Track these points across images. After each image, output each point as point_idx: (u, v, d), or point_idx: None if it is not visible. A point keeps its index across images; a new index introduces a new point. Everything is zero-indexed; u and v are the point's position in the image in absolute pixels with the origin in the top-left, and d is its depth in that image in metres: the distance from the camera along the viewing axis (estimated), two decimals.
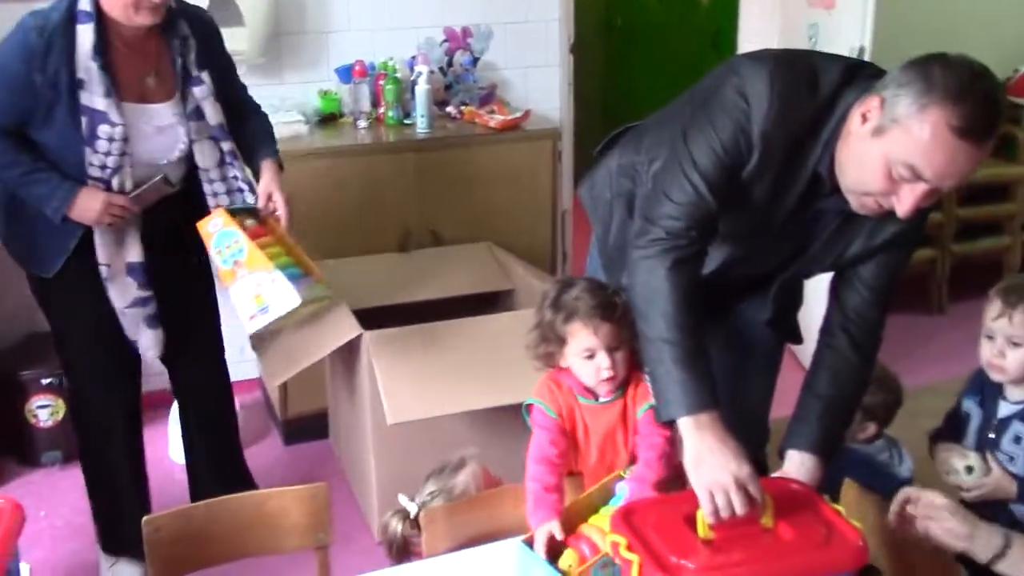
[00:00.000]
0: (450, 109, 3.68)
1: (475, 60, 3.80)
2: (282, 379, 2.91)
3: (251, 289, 2.18)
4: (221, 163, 2.52)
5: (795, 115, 1.71)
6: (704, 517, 1.55)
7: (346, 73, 3.59)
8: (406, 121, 3.57)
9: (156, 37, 2.41)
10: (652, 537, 1.53)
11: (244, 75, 3.41)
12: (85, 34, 2.27)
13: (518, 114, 3.60)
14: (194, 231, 2.40)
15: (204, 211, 2.45)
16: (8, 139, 2.34)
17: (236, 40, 3.34)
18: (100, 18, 2.29)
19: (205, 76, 2.46)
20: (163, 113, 2.43)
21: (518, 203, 3.59)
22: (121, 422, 2.69)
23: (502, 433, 2.66)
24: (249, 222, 2.37)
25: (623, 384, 1.92)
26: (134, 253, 2.46)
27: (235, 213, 2.35)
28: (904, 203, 1.63)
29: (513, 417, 2.76)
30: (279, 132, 3.33)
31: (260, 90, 3.46)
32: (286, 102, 3.53)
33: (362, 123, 3.53)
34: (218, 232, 2.25)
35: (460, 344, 2.79)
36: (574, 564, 1.68)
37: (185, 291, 2.66)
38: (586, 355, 1.86)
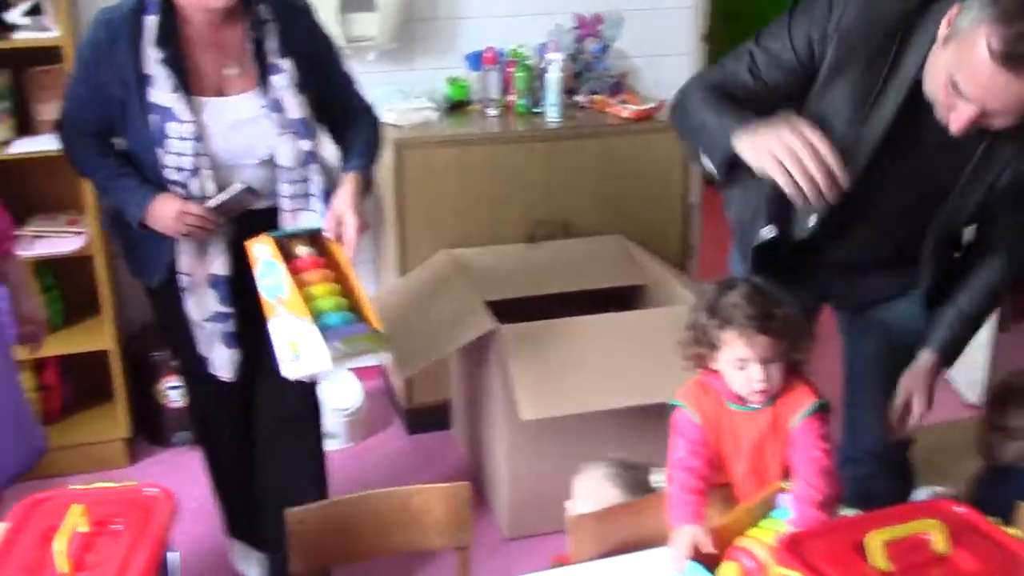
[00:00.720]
0: (579, 98, 3.59)
1: (605, 48, 3.70)
2: (412, 371, 2.89)
3: (288, 332, 1.92)
4: (303, 163, 2.25)
5: (878, 14, 1.72)
6: (789, 192, 1.62)
7: (476, 60, 3.54)
8: (535, 110, 3.49)
9: (236, 23, 2.18)
10: (824, 568, 1.45)
11: (374, 61, 3.43)
12: (151, 25, 2.11)
13: (651, 104, 3.49)
14: None
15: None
16: (94, 141, 2.23)
17: (367, 25, 3.34)
18: (169, 7, 2.12)
19: (286, 64, 2.20)
20: (242, 105, 2.20)
21: (648, 196, 3.48)
22: (228, 429, 2.59)
23: (637, 435, 2.58)
24: (303, 249, 2.04)
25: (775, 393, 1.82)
26: (218, 265, 2.24)
27: (292, 237, 2.07)
28: (956, 120, 1.64)
29: (648, 419, 2.70)
30: (408, 119, 3.33)
31: (389, 76, 3.48)
32: (415, 88, 3.50)
33: (491, 111, 3.47)
34: (263, 260, 1.99)
35: (595, 341, 2.72)
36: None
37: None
38: (738, 365, 1.77)
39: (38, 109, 3.05)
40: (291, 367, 1.98)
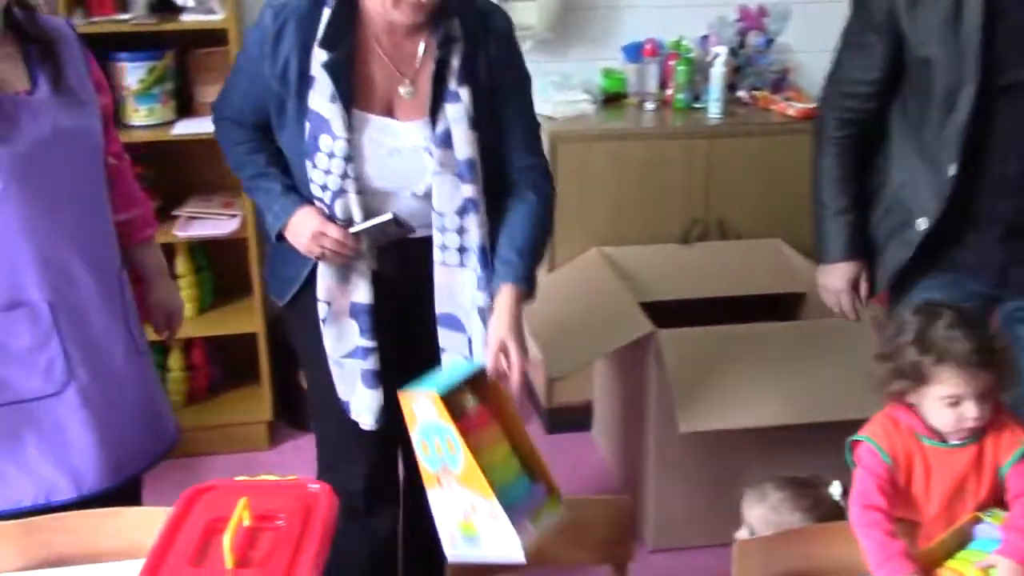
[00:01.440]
0: (741, 94, 3.43)
1: (769, 42, 3.52)
2: (566, 372, 2.78)
3: (459, 508, 1.53)
4: (461, 211, 1.90)
5: None
6: None
7: (634, 51, 3.42)
8: (695, 105, 3.35)
9: (421, 35, 1.88)
10: None
11: (529, 51, 3.34)
12: (325, 21, 1.83)
13: (817, 103, 3.30)
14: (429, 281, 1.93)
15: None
16: (249, 133, 1.99)
17: (526, 14, 3.25)
18: (351, 3, 1.85)
19: (464, 93, 1.85)
20: (409, 133, 1.89)
21: (807, 198, 3.30)
22: (363, 482, 2.15)
23: (796, 452, 2.43)
24: (470, 403, 1.60)
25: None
26: (361, 292, 1.94)
27: (453, 393, 1.58)
28: None
29: (810, 436, 2.54)
30: (564, 111, 3.24)
31: (543, 66, 3.39)
32: (570, 80, 3.40)
33: (649, 105, 3.34)
34: (425, 421, 1.55)
35: (757, 351, 2.57)
36: None
37: (410, 351, 2.02)
38: (950, 401, 1.62)
39: (200, 91, 3.08)
40: (463, 549, 1.57)
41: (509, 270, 1.90)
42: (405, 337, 2.04)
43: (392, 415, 1.88)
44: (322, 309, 1.96)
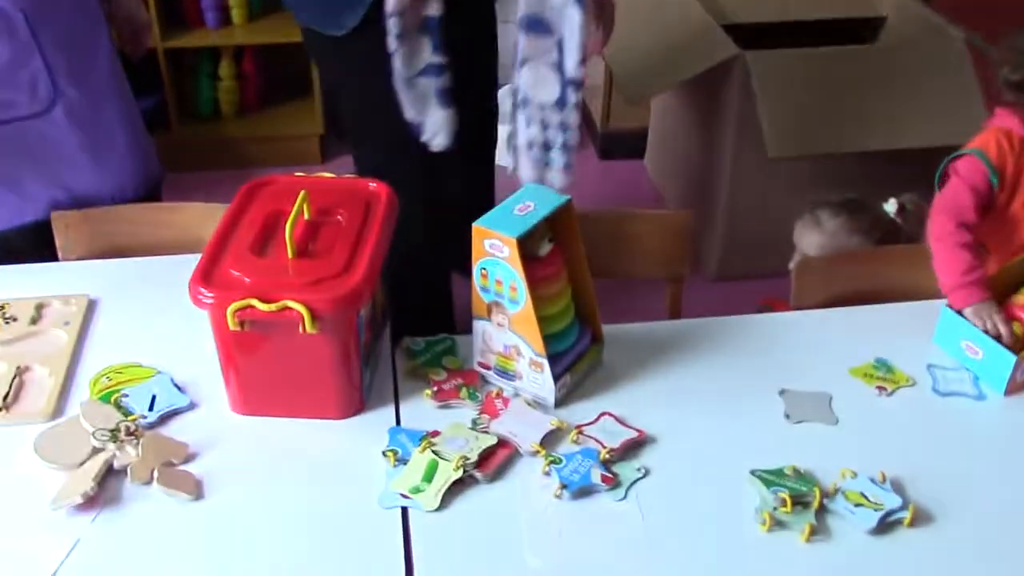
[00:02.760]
0: None
1: None
2: (644, 96, 2.63)
3: (501, 343, 1.42)
4: None
5: None
6: None
7: None
8: None
9: None
10: None
11: None
12: None
13: None
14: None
15: None
16: None
17: None
18: None
19: None
20: None
21: None
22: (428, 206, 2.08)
23: (876, 181, 2.36)
24: (546, 245, 1.41)
25: None
26: (433, 4, 1.81)
27: (531, 232, 1.35)
28: None
29: (893, 164, 2.44)
30: None
31: None
32: None
33: None
34: (495, 259, 1.36)
35: (847, 75, 2.42)
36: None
37: (469, 70, 1.94)
38: None
39: None
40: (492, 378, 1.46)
41: None
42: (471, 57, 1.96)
43: (464, 136, 1.88)
44: (394, 25, 1.81)
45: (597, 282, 1.49)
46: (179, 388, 1.42)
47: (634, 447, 1.34)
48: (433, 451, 1.30)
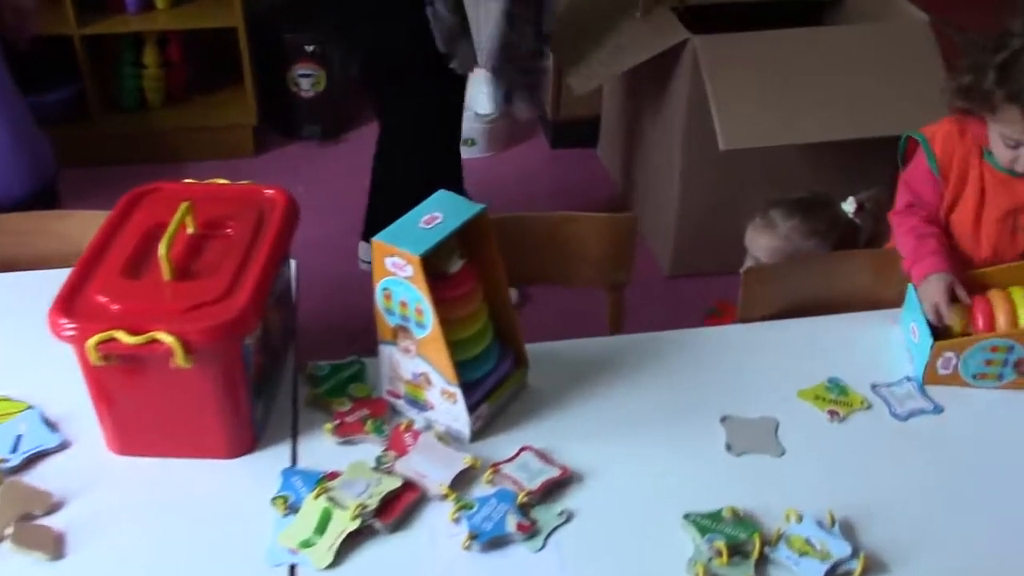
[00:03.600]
0: None
1: None
2: (588, 88, 2.48)
3: (409, 370, 1.25)
4: None
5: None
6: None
7: None
8: None
9: None
10: None
11: None
12: None
13: None
14: None
15: None
16: None
17: None
18: None
19: None
20: None
21: None
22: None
23: (832, 172, 2.23)
24: (456, 263, 1.23)
25: None
26: None
27: (439, 248, 1.18)
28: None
29: (849, 153, 2.32)
30: None
31: None
32: None
33: None
34: (396, 279, 1.19)
35: (803, 59, 2.27)
36: (958, 325, 1.38)
37: None
38: (1009, 143, 1.39)
39: None
40: (401, 406, 1.31)
41: None
42: None
43: None
44: None
45: (535, 288, 1.35)
46: (51, 425, 1.26)
47: (556, 487, 1.20)
48: (328, 497, 1.15)
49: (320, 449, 1.25)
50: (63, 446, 1.24)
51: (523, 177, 2.89)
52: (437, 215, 1.21)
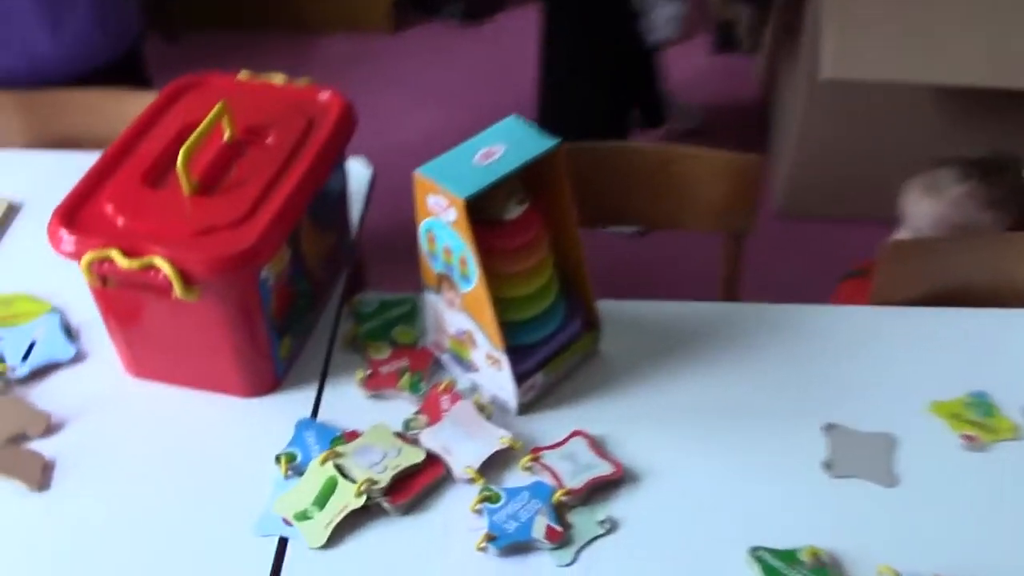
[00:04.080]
0: None
1: None
2: None
3: (453, 325, 1.07)
4: None
5: None
6: None
7: None
8: None
9: None
10: None
11: None
12: None
13: None
14: None
15: None
16: None
17: None
18: None
19: None
20: None
21: None
22: None
23: (989, 131, 1.86)
24: (514, 209, 1.01)
25: None
26: None
27: (494, 189, 0.98)
28: None
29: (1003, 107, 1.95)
30: None
31: None
32: None
33: None
34: (440, 222, 0.99)
35: None
36: None
37: None
38: None
39: None
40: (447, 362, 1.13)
41: None
42: None
43: None
44: None
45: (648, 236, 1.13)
46: (70, 333, 1.16)
47: (604, 488, 1.00)
48: (337, 464, 1.00)
49: (346, 400, 1.10)
50: (77, 359, 1.13)
51: (681, 85, 2.60)
52: (497, 148, 1.00)
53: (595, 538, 0.96)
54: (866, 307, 1.25)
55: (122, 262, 0.96)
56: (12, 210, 1.34)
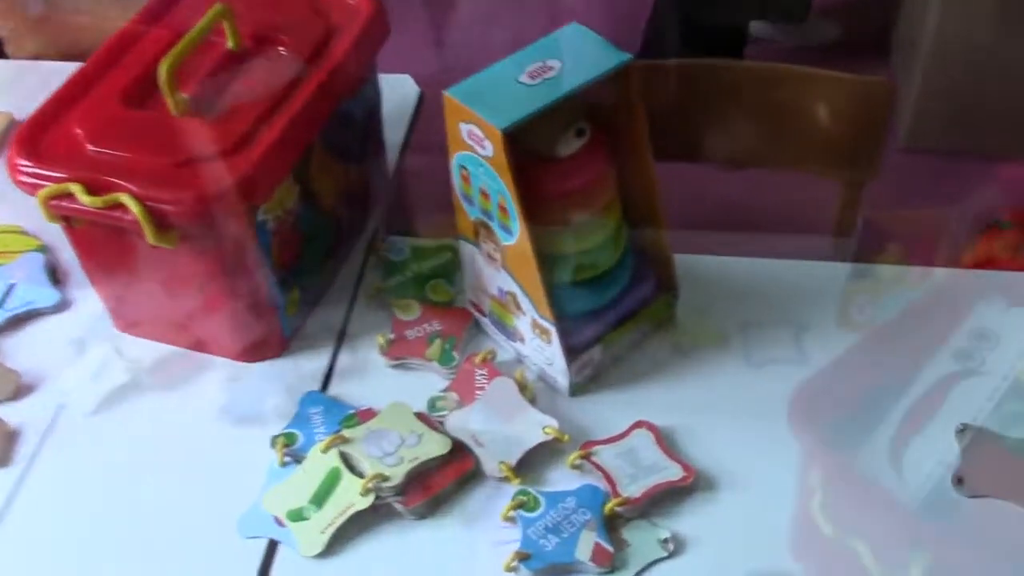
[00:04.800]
0: None
1: None
2: None
3: (493, 284, 0.87)
4: None
5: None
6: None
7: None
8: None
9: None
10: None
11: None
12: None
13: None
14: None
15: None
16: None
17: None
18: None
19: None
20: None
21: None
22: None
23: None
24: (572, 142, 0.79)
25: None
26: None
27: (545, 116, 0.76)
28: None
29: None
30: None
31: None
32: None
33: None
34: (475, 157, 0.78)
35: None
36: None
37: None
38: None
39: None
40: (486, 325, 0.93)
41: None
42: None
43: None
44: None
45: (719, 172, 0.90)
46: (56, 276, 1.00)
47: (669, 497, 0.80)
48: (342, 452, 0.82)
49: (364, 371, 0.91)
50: (59, 307, 0.97)
51: None
52: (553, 65, 0.78)
53: (655, 561, 0.76)
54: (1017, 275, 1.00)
55: (84, 199, 0.78)
56: (15, 125, 1.19)
